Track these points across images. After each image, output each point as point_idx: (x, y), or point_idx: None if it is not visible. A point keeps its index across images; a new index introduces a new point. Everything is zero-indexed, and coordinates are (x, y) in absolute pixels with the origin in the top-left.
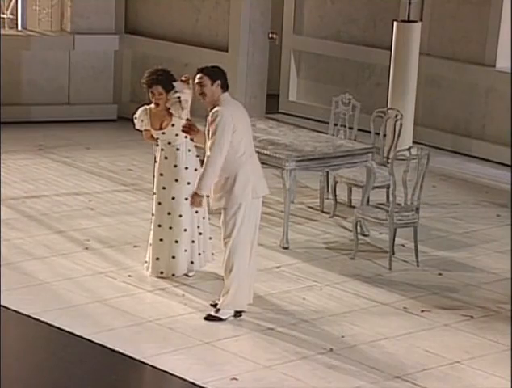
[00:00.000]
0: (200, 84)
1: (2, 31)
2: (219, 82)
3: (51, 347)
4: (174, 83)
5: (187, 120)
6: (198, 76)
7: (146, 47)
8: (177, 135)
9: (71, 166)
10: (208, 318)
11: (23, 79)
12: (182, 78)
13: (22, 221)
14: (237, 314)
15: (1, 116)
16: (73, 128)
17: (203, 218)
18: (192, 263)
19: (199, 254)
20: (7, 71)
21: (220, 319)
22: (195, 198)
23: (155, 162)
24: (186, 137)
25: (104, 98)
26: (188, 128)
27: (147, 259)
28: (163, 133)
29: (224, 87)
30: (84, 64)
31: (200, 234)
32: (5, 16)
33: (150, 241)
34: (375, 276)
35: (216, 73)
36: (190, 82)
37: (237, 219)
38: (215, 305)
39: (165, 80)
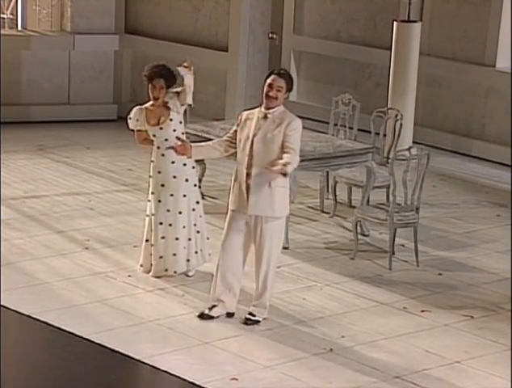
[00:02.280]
0: (278, 89)
1: (2, 31)
2: (289, 93)
3: (51, 347)
4: (178, 68)
5: (178, 139)
6: (276, 78)
7: (146, 47)
8: (174, 130)
9: (71, 166)
10: (247, 322)
11: (23, 79)
12: (185, 64)
13: (22, 221)
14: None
15: (1, 116)
16: (73, 128)
17: (200, 216)
18: (188, 261)
19: (196, 252)
20: (7, 71)
21: (258, 322)
22: (278, 170)
23: (151, 161)
24: (182, 133)
25: (104, 98)
26: (182, 149)
27: (142, 263)
28: (161, 129)
29: None
30: (84, 64)
31: (198, 232)
32: (5, 16)
33: (151, 241)
34: (375, 276)
35: (292, 83)
36: (192, 68)
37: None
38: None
39: (167, 75)
